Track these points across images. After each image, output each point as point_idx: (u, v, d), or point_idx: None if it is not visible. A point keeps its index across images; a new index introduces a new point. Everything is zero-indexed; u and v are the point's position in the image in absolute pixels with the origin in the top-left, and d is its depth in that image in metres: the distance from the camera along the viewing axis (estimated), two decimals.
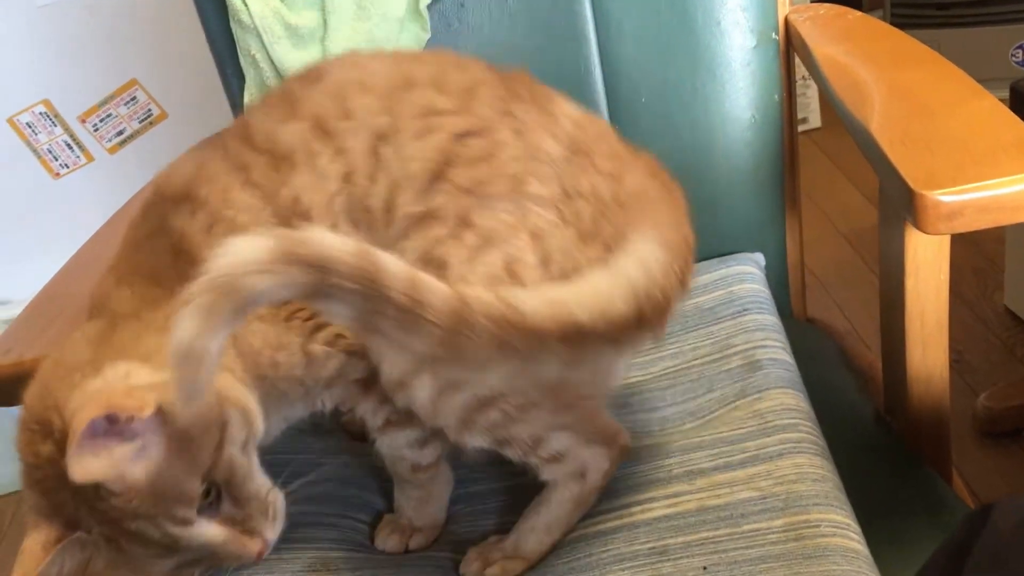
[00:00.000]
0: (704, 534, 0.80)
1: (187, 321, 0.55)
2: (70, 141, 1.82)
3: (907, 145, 0.78)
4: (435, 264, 0.72)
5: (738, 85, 1.15)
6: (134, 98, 1.81)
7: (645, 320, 0.71)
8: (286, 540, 0.88)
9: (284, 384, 0.78)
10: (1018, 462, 1.48)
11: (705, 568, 0.77)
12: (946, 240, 0.86)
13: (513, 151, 0.76)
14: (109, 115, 1.82)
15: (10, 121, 1.79)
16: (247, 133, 0.78)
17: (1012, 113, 0.80)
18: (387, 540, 0.90)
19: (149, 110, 1.82)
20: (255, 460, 0.74)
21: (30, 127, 1.80)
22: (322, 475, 0.97)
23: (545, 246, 0.74)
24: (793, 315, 1.27)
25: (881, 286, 0.96)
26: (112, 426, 0.64)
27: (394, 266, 0.60)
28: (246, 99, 1.17)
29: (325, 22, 1.13)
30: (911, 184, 0.72)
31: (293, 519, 0.90)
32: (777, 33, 1.15)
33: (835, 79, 0.96)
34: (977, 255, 1.97)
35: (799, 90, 2.34)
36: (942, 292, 0.88)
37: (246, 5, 1.12)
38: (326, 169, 0.75)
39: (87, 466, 0.62)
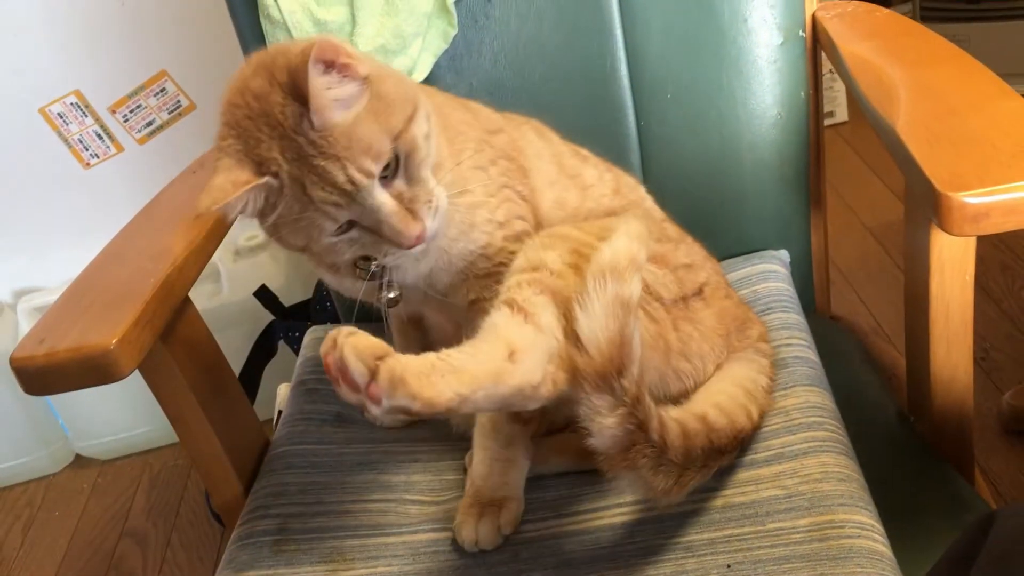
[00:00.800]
0: (729, 531, 0.81)
1: None
2: (100, 131, 1.84)
3: (933, 145, 0.78)
4: None
5: (764, 82, 1.15)
6: (163, 89, 1.83)
7: None
8: (302, 531, 0.90)
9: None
10: None
11: (729, 566, 0.77)
12: (972, 240, 0.85)
13: None
14: (139, 106, 1.84)
15: (42, 111, 1.81)
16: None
17: None
18: (478, 529, 0.86)
19: (178, 101, 1.84)
20: (431, 166, 0.81)
21: (61, 117, 1.82)
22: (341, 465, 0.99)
23: None
24: (817, 312, 1.27)
25: (906, 285, 0.96)
26: (328, 70, 0.75)
27: None
28: None
29: (353, 17, 1.14)
30: (937, 185, 0.72)
31: (309, 510, 0.92)
32: (804, 30, 1.14)
33: (861, 77, 0.96)
34: (1004, 251, 1.95)
35: (826, 84, 2.33)
36: (967, 292, 0.88)
37: (276, 0, 1.13)
38: None
39: (315, 83, 0.73)
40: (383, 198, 0.77)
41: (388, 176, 0.78)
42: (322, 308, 1.71)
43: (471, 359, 0.74)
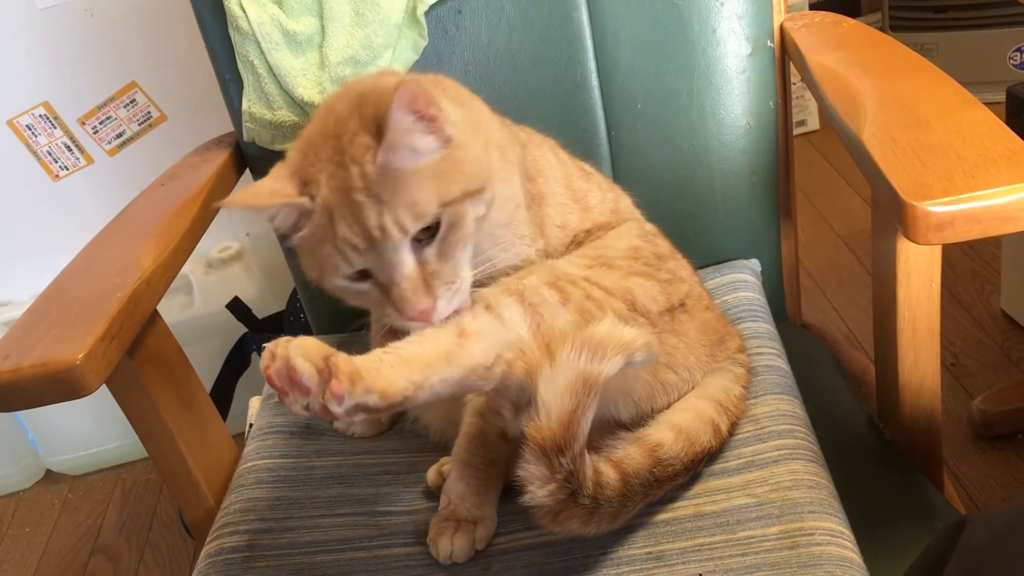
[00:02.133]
0: (700, 540, 0.81)
1: None
2: (70, 143, 1.82)
3: (898, 155, 0.79)
4: None
5: (733, 92, 1.16)
6: (134, 100, 1.81)
7: None
8: (272, 547, 0.89)
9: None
10: (1013, 466, 1.48)
11: (701, 575, 0.78)
12: (938, 248, 0.86)
13: None
14: (109, 117, 1.82)
15: (10, 123, 1.79)
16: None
17: (1002, 124, 0.80)
18: (454, 542, 0.85)
19: (149, 112, 1.83)
20: (470, 250, 0.80)
21: (30, 129, 1.80)
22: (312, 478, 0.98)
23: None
24: (788, 320, 1.28)
25: (874, 293, 0.97)
26: (417, 117, 0.74)
27: None
28: (244, 105, 1.17)
29: (323, 28, 1.14)
30: (901, 194, 0.73)
31: (278, 526, 0.91)
32: (772, 41, 1.15)
33: (828, 87, 0.97)
34: (975, 258, 1.98)
35: (797, 92, 2.35)
36: (934, 299, 0.89)
37: (244, 12, 1.12)
38: None
39: (396, 121, 0.72)
40: (406, 259, 0.76)
41: (422, 240, 0.76)
42: (295, 320, 1.70)
43: (419, 347, 0.74)
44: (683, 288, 0.94)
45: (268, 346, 0.68)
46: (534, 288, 0.81)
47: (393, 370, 0.71)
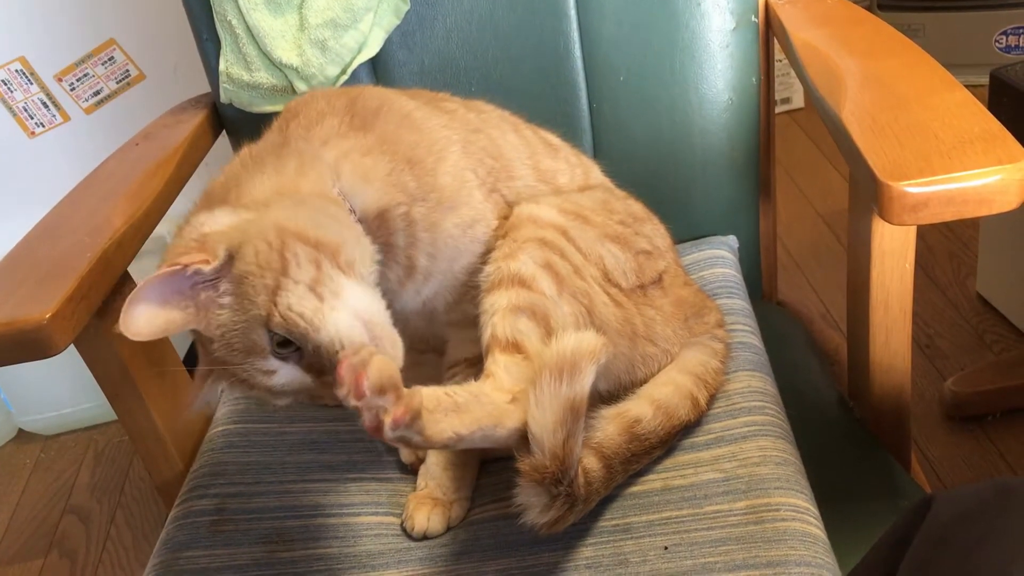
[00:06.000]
0: (667, 513, 0.81)
1: None
2: (46, 100, 1.80)
3: (876, 134, 0.78)
4: None
5: (716, 67, 1.15)
6: (112, 58, 1.78)
7: None
8: (241, 512, 0.89)
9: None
10: (982, 447, 1.50)
11: (666, 548, 0.78)
12: (913, 229, 0.86)
13: None
14: (86, 74, 1.79)
15: None
16: None
17: (981, 106, 0.80)
18: (429, 519, 0.86)
19: (127, 71, 1.80)
20: (344, 301, 0.70)
21: (5, 84, 1.77)
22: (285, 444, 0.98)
23: None
24: (764, 298, 1.28)
25: (849, 272, 0.97)
26: (187, 279, 0.69)
27: None
28: (221, 65, 1.16)
29: None
30: (878, 174, 0.73)
31: (248, 490, 0.91)
32: (757, 16, 1.14)
33: (810, 64, 0.96)
34: (952, 240, 1.98)
35: (782, 70, 2.34)
36: (907, 280, 0.89)
37: None
38: None
39: (130, 323, 0.68)
40: (299, 379, 0.72)
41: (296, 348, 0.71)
42: None
43: (476, 399, 0.74)
44: (660, 264, 0.94)
45: (358, 347, 0.67)
46: (535, 282, 0.81)
47: (446, 418, 0.71)
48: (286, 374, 0.71)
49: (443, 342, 0.93)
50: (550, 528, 0.75)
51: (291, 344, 0.70)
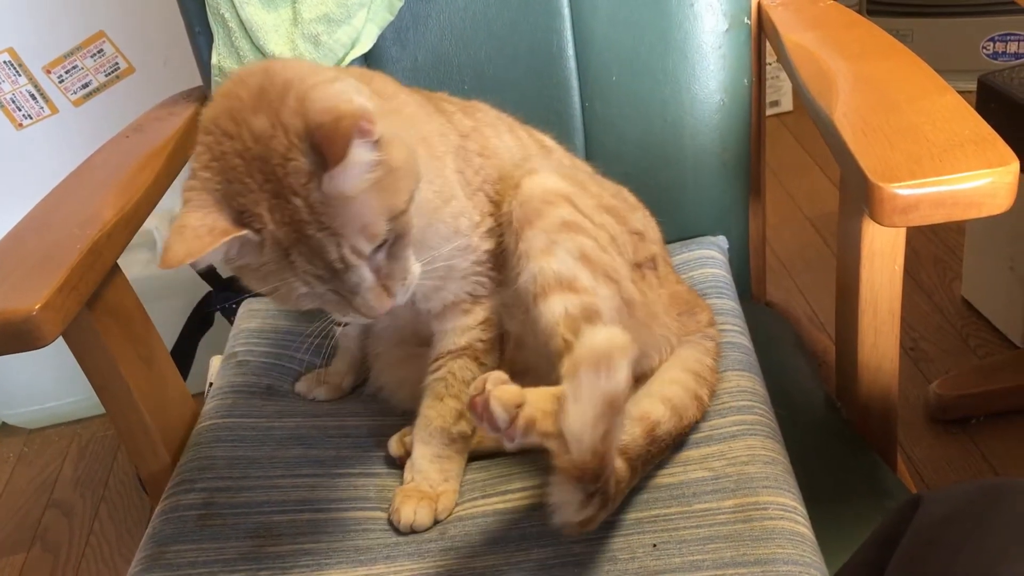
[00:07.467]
0: (656, 511, 0.82)
1: None
2: (34, 91, 1.78)
3: (868, 136, 0.79)
4: None
5: (708, 68, 1.15)
6: (101, 51, 1.77)
7: None
8: (229, 506, 0.88)
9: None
10: (966, 450, 1.51)
11: (655, 545, 0.78)
12: (902, 231, 0.87)
13: None
14: (75, 67, 1.78)
15: None
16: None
17: (972, 109, 0.80)
18: (416, 512, 0.87)
19: (116, 64, 1.79)
20: (411, 245, 0.78)
21: None
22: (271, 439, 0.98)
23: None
24: (753, 298, 1.28)
25: (838, 273, 0.97)
26: (366, 142, 0.69)
27: None
28: (214, 58, 1.15)
29: None
30: (869, 175, 0.73)
31: (236, 484, 0.91)
32: (749, 18, 1.15)
33: (802, 66, 0.97)
34: (938, 244, 2.00)
35: (772, 73, 2.35)
36: (896, 282, 0.89)
37: None
38: None
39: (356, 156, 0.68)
40: (366, 275, 0.73)
41: (374, 249, 0.74)
42: None
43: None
44: (652, 248, 0.95)
45: (481, 379, 0.72)
46: (576, 280, 0.83)
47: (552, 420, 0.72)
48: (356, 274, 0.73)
49: (431, 335, 0.94)
50: (582, 528, 0.75)
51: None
